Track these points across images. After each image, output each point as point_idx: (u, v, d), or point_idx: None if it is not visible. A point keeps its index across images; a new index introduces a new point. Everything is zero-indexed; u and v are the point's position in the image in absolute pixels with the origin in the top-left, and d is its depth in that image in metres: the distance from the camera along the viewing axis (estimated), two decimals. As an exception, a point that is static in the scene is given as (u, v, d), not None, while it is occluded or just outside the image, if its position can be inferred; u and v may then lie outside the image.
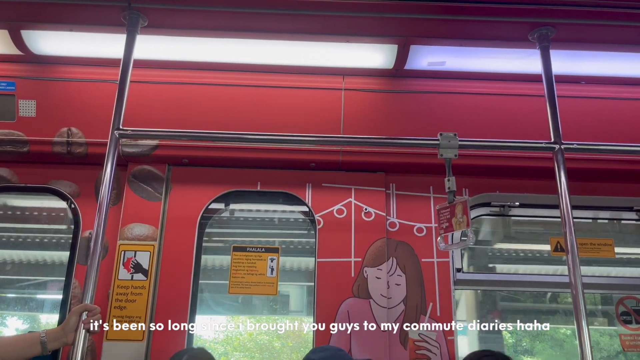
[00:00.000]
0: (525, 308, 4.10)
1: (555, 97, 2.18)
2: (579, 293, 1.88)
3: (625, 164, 2.57)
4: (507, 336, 4.31)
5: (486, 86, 2.65)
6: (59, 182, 2.65)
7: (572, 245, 1.95)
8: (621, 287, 2.81)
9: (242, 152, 2.58)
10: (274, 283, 2.52)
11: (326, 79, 2.65)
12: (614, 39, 2.31)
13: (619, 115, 2.63)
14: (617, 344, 3.03)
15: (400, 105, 2.63)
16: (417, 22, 2.26)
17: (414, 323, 2.43)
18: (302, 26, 2.28)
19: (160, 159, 2.61)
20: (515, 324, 4.06)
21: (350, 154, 2.59)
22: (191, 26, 2.29)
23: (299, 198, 2.64)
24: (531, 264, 3.82)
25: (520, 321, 3.94)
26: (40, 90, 2.60)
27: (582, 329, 1.84)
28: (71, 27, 2.32)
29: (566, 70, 2.52)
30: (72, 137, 2.57)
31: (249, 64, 2.61)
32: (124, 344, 2.34)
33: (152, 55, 2.54)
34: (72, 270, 2.51)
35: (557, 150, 2.10)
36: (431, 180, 2.65)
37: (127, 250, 2.48)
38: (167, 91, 2.62)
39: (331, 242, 2.55)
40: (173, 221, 2.57)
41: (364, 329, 2.39)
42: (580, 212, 2.78)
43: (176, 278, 2.47)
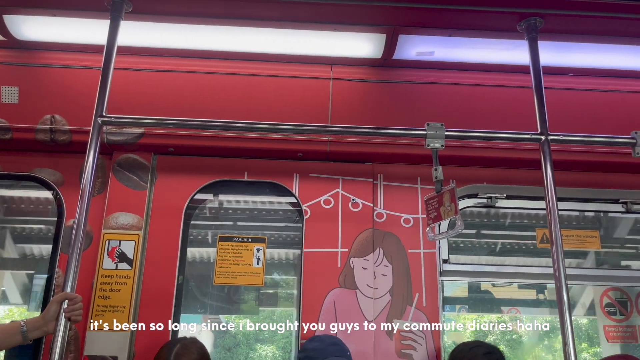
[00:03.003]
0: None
1: (542, 88, 2.18)
2: (562, 285, 1.89)
3: (612, 155, 2.58)
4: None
5: (474, 77, 2.65)
6: (42, 170, 2.61)
7: (557, 237, 1.96)
8: (605, 278, 2.83)
9: (229, 142, 2.56)
10: (260, 273, 2.51)
11: (314, 68, 2.63)
12: (601, 30, 2.31)
13: (605, 107, 2.63)
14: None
15: (389, 95, 2.62)
16: (406, 11, 2.24)
17: (400, 314, 2.44)
18: (290, 13, 2.25)
19: (146, 147, 2.58)
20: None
21: (338, 144, 2.58)
22: (177, 12, 2.26)
23: (286, 188, 2.63)
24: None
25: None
26: (23, 76, 2.55)
27: (565, 321, 1.84)
28: (54, 12, 2.28)
29: (554, 61, 2.52)
30: (55, 124, 2.53)
31: (236, 52, 2.58)
32: (108, 333, 2.32)
33: (138, 42, 2.50)
34: (55, 259, 2.48)
35: (544, 141, 2.10)
36: (419, 171, 2.65)
37: (112, 239, 2.46)
38: (152, 79, 2.58)
39: (318, 233, 2.54)
40: (158, 210, 2.54)
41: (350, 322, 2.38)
42: (567, 204, 2.79)
43: (161, 268, 2.45)
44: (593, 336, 4.96)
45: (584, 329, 5.12)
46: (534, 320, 4.44)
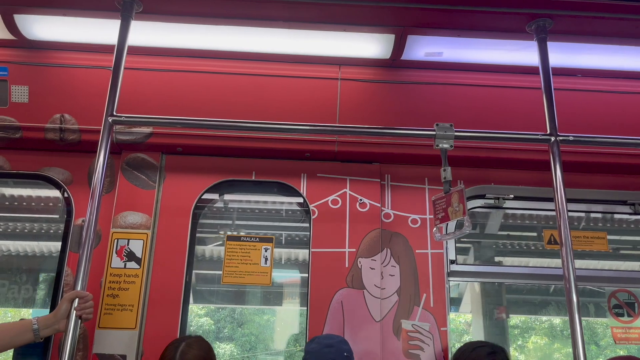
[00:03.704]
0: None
1: (551, 89, 2.18)
2: (572, 286, 1.89)
3: (621, 157, 2.58)
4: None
5: (483, 78, 2.64)
6: (51, 169, 2.63)
7: (567, 238, 1.96)
8: (613, 280, 2.82)
9: (237, 141, 2.56)
10: (267, 273, 2.52)
11: (322, 69, 2.63)
12: (611, 31, 2.30)
13: (615, 108, 2.63)
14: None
15: (397, 96, 2.62)
16: (415, 11, 2.24)
17: (408, 314, 2.44)
18: (299, 14, 2.26)
19: (154, 147, 2.59)
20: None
21: (346, 144, 2.58)
22: (186, 12, 2.27)
23: (293, 188, 2.63)
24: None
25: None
26: (33, 75, 2.57)
27: (575, 321, 1.84)
28: (65, 11, 2.29)
29: (563, 62, 2.52)
30: (65, 123, 2.54)
31: (245, 52, 2.58)
32: (116, 332, 2.33)
33: (147, 41, 2.51)
34: (64, 258, 2.49)
35: (553, 142, 2.10)
36: (426, 171, 2.65)
37: (120, 238, 2.47)
38: (162, 79, 2.59)
39: (325, 233, 2.54)
40: (167, 210, 2.55)
41: (357, 322, 2.39)
42: (575, 206, 2.78)
43: (170, 267, 2.46)
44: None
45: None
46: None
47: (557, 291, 4.69)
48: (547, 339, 8.63)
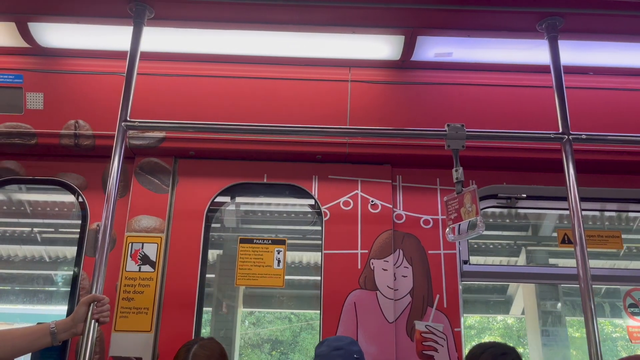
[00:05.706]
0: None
1: (563, 87, 2.17)
2: (588, 286, 1.87)
3: (634, 155, 2.56)
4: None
5: (494, 77, 2.64)
6: (66, 174, 2.66)
7: (581, 238, 1.94)
8: (629, 279, 2.80)
9: (248, 145, 2.58)
10: (280, 275, 2.53)
11: (332, 71, 2.64)
12: (622, 29, 2.29)
13: (627, 106, 2.61)
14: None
15: (407, 97, 2.62)
16: (424, 12, 2.24)
17: (421, 315, 2.43)
18: (309, 17, 2.27)
19: (167, 151, 2.62)
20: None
21: (357, 146, 2.59)
22: (198, 17, 2.28)
23: (305, 190, 2.64)
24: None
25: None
26: (48, 82, 2.60)
27: (590, 322, 1.83)
28: (78, 19, 2.32)
29: (574, 61, 2.50)
30: (79, 129, 2.58)
31: (256, 56, 2.60)
32: (132, 335, 2.35)
33: (159, 47, 2.54)
34: (80, 262, 2.52)
35: (566, 140, 2.08)
36: (438, 172, 2.65)
37: (135, 242, 2.49)
38: (173, 83, 2.62)
39: (338, 234, 2.55)
40: (180, 213, 2.57)
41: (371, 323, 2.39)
42: (588, 204, 2.76)
43: (183, 270, 2.48)
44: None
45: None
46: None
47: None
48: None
